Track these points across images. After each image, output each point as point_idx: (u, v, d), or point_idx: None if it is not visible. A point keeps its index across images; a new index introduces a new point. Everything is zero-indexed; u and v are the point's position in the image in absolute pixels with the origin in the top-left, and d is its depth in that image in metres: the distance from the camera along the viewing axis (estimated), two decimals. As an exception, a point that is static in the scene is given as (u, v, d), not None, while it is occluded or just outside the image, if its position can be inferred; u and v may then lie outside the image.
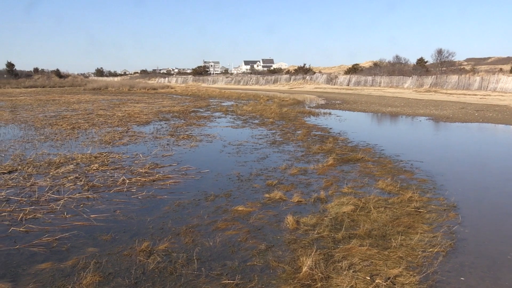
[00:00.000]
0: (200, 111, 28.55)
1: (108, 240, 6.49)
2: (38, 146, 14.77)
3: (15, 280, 5.29)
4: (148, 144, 14.98)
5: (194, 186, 9.48)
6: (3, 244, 6.40)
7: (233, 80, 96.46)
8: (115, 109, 29.72)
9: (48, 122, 22.18)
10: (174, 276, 5.32)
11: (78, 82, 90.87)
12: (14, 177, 10.17)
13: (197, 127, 20.01)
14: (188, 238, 6.49)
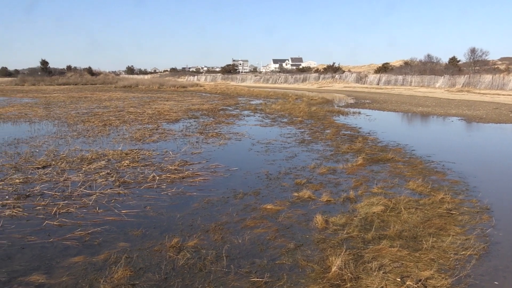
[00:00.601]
0: (229, 109, 28.67)
1: (138, 236, 6.59)
2: (71, 142, 15.09)
3: (49, 272, 5.42)
4: (177, 142, 15.13)
5: (223, 184, 9.54)
6: (38, 237, 6.57)
7: (262, 78, 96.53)
8: (145, 107, 30.12)
9: (80, 118, 22.64)
10: (204, 272, 5.36)
11: (109, 79, 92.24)
12: (48, 172, 10.42)
13: (226, 125, 20.11)
14: (217, 235, 6.53)
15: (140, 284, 5.07)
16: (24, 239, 6.49)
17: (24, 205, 7.99)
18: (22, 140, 15.62)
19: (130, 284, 5.06)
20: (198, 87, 70.46)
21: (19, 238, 6.52)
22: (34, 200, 8.32)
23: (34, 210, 7.77)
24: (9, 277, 5.29)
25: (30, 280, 5.21)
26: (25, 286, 5.08)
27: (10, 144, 14.63)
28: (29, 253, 6.02)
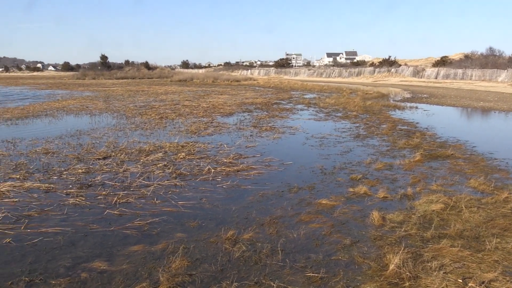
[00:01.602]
0: (283, 103, 28.62)
1: (195, 227, 6.70)
2: (129, 134, 15.55)
3: (110, 260, 5.61)
4: (232, 135, 15.27)
5: (278, 178, 9.53)
6: (100, 225, 6.82)
7: (315, 72, 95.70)
8: (200, 100, 30.58)
9: (138, 111, 23.28)
10: (259, 265, 5.38)
11: (165, 73, 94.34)
12: (108, 163, 10.78)
13: (280, 119, 20.09)
14: (272, 229, 6.54)
15: (197, 275, 5.15)
16: (86, 226, 6.75)
17: (87, 194, 8.30)
18: (84, 131, 16.25)
19: (187, 274, 5.16)
20: (252, 81, 70.79)
21: (82, 225, 6.79)
22: (96, 189, 8.64)
23: (96, 199, 8.06)
24: (73, 263, 5.52)
25: (92, 267, 5.41)
26: (88, 272, 5.27)
27: (72, 136, 15.26)
28: (91, 240, 6.26)
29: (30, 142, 14.04)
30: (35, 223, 6.91)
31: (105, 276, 5.18)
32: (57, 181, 9.27)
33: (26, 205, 7.76)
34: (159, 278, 5.03)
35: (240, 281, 4.98)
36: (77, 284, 4.99)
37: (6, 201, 7.94)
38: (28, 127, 18.02)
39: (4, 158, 11.56)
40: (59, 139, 14.48)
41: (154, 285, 4.91)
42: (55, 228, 6.65)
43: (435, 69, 68.44)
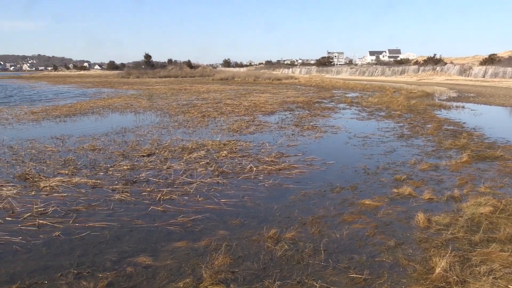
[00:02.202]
0: (324, 102, 28.41)
1: (237, 225, 6.73)
2: (173, 132, 15.79)
3: (155, 255, 5.71)
4: (273, 134, 15.27)
5: (320, 177, 9.46)
6: (144, 221, 6.95)
7: (358, 71, 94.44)
8: (241, 99, 30.73)
9: (180, 110, 23.62)
10: (301, 265, 5.36)
11: (207, 72, 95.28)
12: (152, 160, 10.98)
13: (322, 118, 19.94)
14: (314, 229, 6.50)
15: (240, 272, 5.18)
16: (132, 222, 6.90)
17: (132, 191, 8.49)
18: (129, 129, 16.63)
19: (230, 271, 5.19)
20: (293, 79, 70.56)
21: (127, 221, 6.95)
22: (140, 186, 8.82)
23: (140, 195, 8.23)
24: (119, 257, 5.65)
25: (137, 261, 5.52)
26: (134, 266, 5.39)
27: (118, 133, 15.64)
28: (136, 235, 6.39)
29: (77, 138, 14.48)
30: (83, 217, 7.12)
31: (150, 271, 5.28)
32: (103, 177, 9.52)
33: (74, 199, 8.01)
34: (202, 275, 5.09)
35: (282, 280, 4.97)
36: (123, 278, 5.11)
37: (56, 196, 8.22)
38: (75, 124, 18.59)
39: (54, 154, 11.97)
40: (105, 136, 14.87)
41: (198, 281, 4.97)
42: (102, 223, 6.83)
43: (482, 68, 66.27)
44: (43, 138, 14.67)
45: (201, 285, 4.88)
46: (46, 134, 15.70)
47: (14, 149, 12.82)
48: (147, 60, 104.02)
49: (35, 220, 6.96)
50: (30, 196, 8.20)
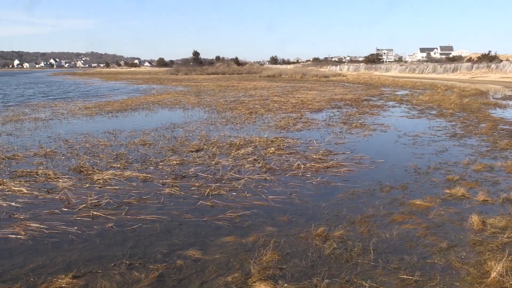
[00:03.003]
0: (373, 100, 27.92)
1: (285, 222, 6.73)
2: (220, 128, 15.96)
3: (204, 249, 5.80)
4: (321, 131, 15.15)
5: (369, 176, 9.32)
6: (193, 215, 7.07)
7: (408, 68, 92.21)
8: (288, 96, 30.66)
9: (228, 106, 23.82)
10: (350, 264, 5.30)
11: (254, 69, 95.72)
12: (201, 156, 11.14)
13: (370, 116, 19.61)
14: (363, 228, 6.41)
15: (288, 269, 5.17)
16: (181, 216, 7.03)
17: (181, 185, 8.64)
18: (178, 125, 16.93)
19: (278, 267, 5.20)
20: (341, 77, 69.81)
21: (177, 215, 7.08)
22: (189, 180, 8.96)
23: (190, 190, 8.37)
24: (170, 250, 5.77)
25: (187, 255, 5.62)
26: (183, 259, 5.49)
27: (167, 128, 15.97)
28: (185, 229, 6.51)
29: (129, 133, 14.88)
30: (135, 210, 7.31)
31: (199, 264, 5.36)
32: (153, 171, 9.74)
33: (126, 192, 8.23)
34: (251, 270, 5.12)
35: (331, 278, 4.93)
36: (173, 270, 5.21)
37: (109, 188, 8.48)
38: (127, 120, 19.12)
39: (106, 148, 12.35)
40: (155, 132, 15.20)
41: (246, 276, 5.01)
42: (153, 216, 7.00)
43: (542, 65, 63.25)
44: (96, 133, 15.17)
45: (250, 280, 4.91)
46: (99, 128, 16.22)
47: (69, 142, 13.32)
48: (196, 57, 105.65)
49: (89, 211, 7.20)
50: (84, 188, 8.50)
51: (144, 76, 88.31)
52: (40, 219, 6.91)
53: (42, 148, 12.35)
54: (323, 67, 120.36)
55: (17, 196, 8.09)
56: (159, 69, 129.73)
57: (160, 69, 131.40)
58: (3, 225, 6.67)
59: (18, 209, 7.39)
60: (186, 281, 4.96)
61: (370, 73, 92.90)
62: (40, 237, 6.26)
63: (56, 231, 6.47)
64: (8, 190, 8.42)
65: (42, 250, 5.84)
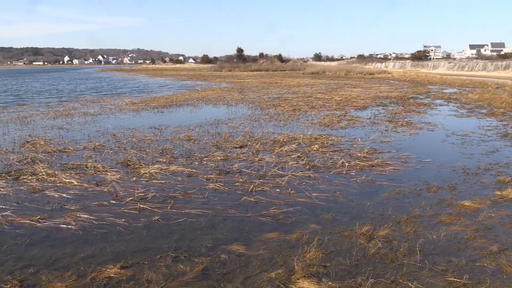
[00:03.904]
0: (420, 98, 27.27)
1: (329, 220, 6.69)
2: (264, 125, 15.99)
3: (248, 244, 5.84)
4: (365, 129, 14.95)
5: (415, 175, 9.12)
6: (237, 210, 7.13)
7: (456, 65, 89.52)
8: (332, 93, 30.38)
9: (271, 103, 23.84)
10: (395, 264, 5.21)
11: (297, 66, 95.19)
12: (244, 152, 11.20)
13: (417, 114, 19.17)
14: (409, 228, 6.29)
15: (331, 267, 5.14)
16: (225, 211, 7.10)
17: (225, 181, 8.73)
18: (221, 121, 17.09)
19: (321, 265, 5.18)
20: (386, 74, 68.47)
21: (221, 210, 7.16)
22: (233, 176, 9.04)
23: (233, 185, 8.44)
24: (214, 244, 5.85)
25: (231, 249, 5.68)
26: (227, 254, 5.55)
27: (211, 124, 16.14)
28: (229, 224, 6.57)
29: (174, 129, 15.13)
30: (180, 204, 7.44)
31: (243, 259, 5.41)
32: (198, 166, 9.87)
33: (172, 187, 8.39)
34: (294, 267, 5.12)
35: (375, 278, 4.87)
36: (217, 264, 5.28)
37: (155, 182, 8.67)
38: (172, 115, 19.46)
39: (152, 142, 12.61)
40: (199, 127, 15.40)
41: (290, 273, 5.01)
42: (197, 210, 7.10)
43: None
44: (142, 128, 15.51)
45: (293, 277, 4.91)
46: (145, 123, 16.58)
47: (117, 137, 13.69)
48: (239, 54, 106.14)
49: (136, 204, 7.38)
50: (131, 182, 8.71)
51: (188, 72, 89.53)
52: (90, 211, 7.14)
53: (91, 142, 12.74)
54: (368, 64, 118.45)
55: (68, 187, 8.39)
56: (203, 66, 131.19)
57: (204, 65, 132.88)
58: (55, 215, 6.93)
59: (69, 200, 7.67)
60: (230, 276, 5.01)
61: (416, 70, 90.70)
62: (90, 228, 6.47)
63: (105, 222, 6.67)
64: (59, 181, 8.74)
65: (91, 240, 6.03)
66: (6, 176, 9.20)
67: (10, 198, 7.80)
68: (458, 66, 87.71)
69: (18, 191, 8.24)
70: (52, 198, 7.79)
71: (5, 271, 5.16)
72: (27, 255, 5.62)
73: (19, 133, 14.72)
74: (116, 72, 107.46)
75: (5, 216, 6.90)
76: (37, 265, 5.31)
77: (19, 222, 6.68)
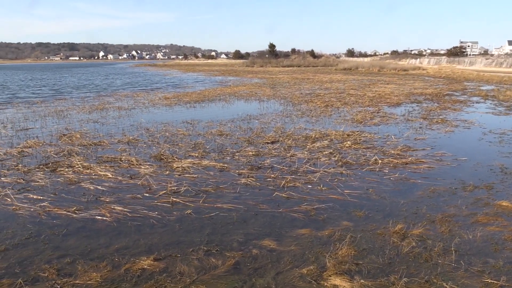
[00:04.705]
0: (455, 95, 26.66)
1: (361, 217, 6.62)
2: (296, 120, 15.94)
3: (279, 240, 5.83)
4: (399, 126, 14.71)
5: (450, 174, 8.93)
6: (269, 206, 7.13)
7: (494, 62, 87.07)
8: (365, 89, 30.02)
9: (303, 99, 23.73)
10: (430, 264, 5.11)
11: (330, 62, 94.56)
12: (276, 148, 11.19)
13: (452, 111, 18.74)
14: (444, 227, 6.16)
15: (364, 265, 5.09)
16: (257, 206, 7.11)
17: (257, 176, 8.74)
18: (253, 116, 17.11)
19: (354, 263, 5.13)
20: (421, 70, 67.27)
21: (253, 205, 7.17)
22: (265, 172, 9.04)
23: (265, 181, 8.44)
24: (245, 239, 5.87)
25: (262, 244, 5.68)
26: (259, 249, 5.55)
27: (243, 120, 16.18)
28: (261, 219, 6.58)
29: (206, 124, 15.24)
30: (212, 198, 7.49)
31: (274, 254, 5.41)
32: (230, 161, 9.91)
33: (204, 181, 8.46)
34: (326, 263, 5.09)
35: (409, 277, 4.79)
36: (248, 259, 5.29)
37: (187, 176, 8.75)
38: (204, 110, 19.59)
39: (185, 137, 12.74)
40: (231, 123, 15.46)
41: (321, 269, 4.98)
42: (229, 205, 7.13)
43: None
44: (175, 122, 15.68)
45: (325, 273, 4.88)
46: (178, 118, 16.75)
47: (150, 131, 13.88)
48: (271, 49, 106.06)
49: (169, 197, 7.47)
50: (164, 175, 8.82)
51: (220, 68, 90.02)
52: (124, 203, 7.27)
53: (125, 136, 12.96)
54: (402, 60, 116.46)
55: (103, 180, 8.56)
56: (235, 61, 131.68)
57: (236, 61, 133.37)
58: (91, 207, 7.08)
59: (104, 193, 7.82)
60: (262, 270, 5.02)
61: (452, 66, 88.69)
62: (124, 220, 6.59)
63: (138, 215, 6.77)
64: (95, 174, 8.92)
65: (125, 232, 6.14)
66: (44, 168, 9.45)
67: (47, 189, 8.01)
68: (496, 63, 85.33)
69: (55, 182, 8.45)
70: (88, 190, 7.97)
71: (43, 260, 5.31)
72: (63, 245, 5.76)
73: (56, 126, 15.11)
74: (149, 67, 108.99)
75: (43, 206, 7.10)
76: (73, 255, 5.44)
77: (56, 213, 6.86)
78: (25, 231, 6.18)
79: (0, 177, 8.83)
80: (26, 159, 10.34)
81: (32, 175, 8.90)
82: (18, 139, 12.77)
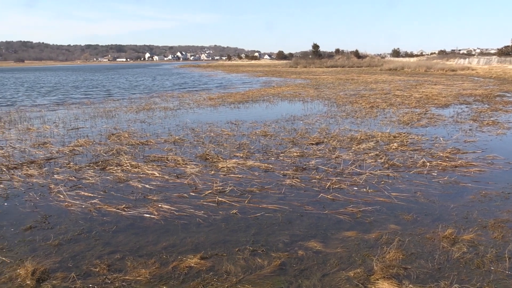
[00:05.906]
0: (507, 96, 25.67)
1: (409, 220, 6.49)
2: (340, 122, 15.79)
3: (325, 242, 5.79)
4: (448, 128, 14.32)
5: (503, 178, 8.62)
6: (314, 207, 7.09)
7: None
8: (411, 90, 29.38)
9: (348, 100, 23.47)
10: (482, 270, 4.95)
11: (374, 62, 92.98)
12: (321, 149, 11.12)
13: (504, 113, 18.07)
14: (497, 233, 5.95)
15: (412, 269, 4.98)
16: (302, 207, 7.09)
17: (301, 177, 8.71)
18: (297, 117, 17.07)
19: (402, 267, 5.03)
20: (469, 70, 65.23)
21: (298, 206, 7.16)
22: (310, 173, 9.00)
23: (310, 182, 8.40)
24: (291, 240, 5.86)
25: (308, 246, 5.66)
26: (304, 250, 5.54)
27: (287, 120, 16.17)
28: (306, 221, 6.55)
29: (250, 124, 15.32)
30: (257, 198, 7.53)
31: (320, 256, 5.37)
32: (274, 162, 9.93)
33: (249, 181, 8.50)
34: (373, 267, 5.01)
35: (460, 283, 4.65)
36: (294, 260, 5.28)
37: (232, 176, 8.82)
38: (248, 111, 19.69)
39: (229, 137, 12.85)
40: (276, 123, 15.47)
41: (368, 272, 4.91)
42: (274, 205, 7.14)
43: None
44: (220, 122, 15.85)
45: (372, 277, 4.81)
46: (222, 118, 16.92)
47: (195, 131, 14.08)
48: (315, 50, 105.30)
49: (215, 197, 7.56)
50: (210, 175, 8.93)
51: (263, 68, 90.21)
52: (171, 202, 7.40)
53: (171, 136, 13.20)
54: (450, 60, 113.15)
55: (150, 179, 8.75)
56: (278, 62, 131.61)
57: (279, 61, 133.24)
58: (139, 205, 7.26)
59: (151, 191, 7.99)
60: (308, 272, 5.00)
61: (504, 66, 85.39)
62: (171, 218, 6.71)
63: (185, 213, 6.88)
64: (142, 173, 9.14)
65: (172, 230, 6.26)
66: (94, 166, 9.75)
67: (98, 187, 8.26)
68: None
69: (105, 180, 8.71)
70: (136, 188, 8.16)
71: (94, 255, 5.47)
72: (113, 241, 5.93)
73: (105, 126, 15.56)
74: (193, 68, 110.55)
75: (93, 203, 7.33)
76: (123, 251, 5.59)
77: (106, 210, 7.06)
78: (77, 227, 6.40)
79: (53, 174, 9.18)
80: (77, 157, 10.71)
81: (83, 173, 9.21)
82: (69, 138, 13.24)
